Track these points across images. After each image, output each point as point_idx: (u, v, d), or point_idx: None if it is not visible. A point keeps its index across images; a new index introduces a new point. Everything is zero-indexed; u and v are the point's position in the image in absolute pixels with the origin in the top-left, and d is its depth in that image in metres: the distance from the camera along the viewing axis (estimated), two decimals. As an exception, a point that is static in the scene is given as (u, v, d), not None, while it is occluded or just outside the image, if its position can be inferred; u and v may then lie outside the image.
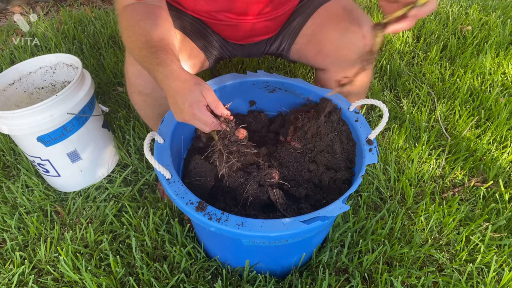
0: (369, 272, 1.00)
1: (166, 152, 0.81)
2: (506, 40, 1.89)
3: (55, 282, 0.97)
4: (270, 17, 0.99)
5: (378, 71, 1.72)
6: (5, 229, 1.10)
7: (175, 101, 0.71)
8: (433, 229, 1.09)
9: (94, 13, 2.05)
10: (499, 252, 1.04)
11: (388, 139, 1.37)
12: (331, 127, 0.90)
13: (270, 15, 0.99)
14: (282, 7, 1.00)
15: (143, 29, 0.78)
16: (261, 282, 0.93)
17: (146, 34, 0.77)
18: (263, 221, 0.70)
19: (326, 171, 0.88)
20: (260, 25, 1.01)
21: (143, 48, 0.76)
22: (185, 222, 1.08)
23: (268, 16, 0.99)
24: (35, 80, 1.21)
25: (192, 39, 1.01)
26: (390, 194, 1.19)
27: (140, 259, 0.98)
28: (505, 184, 1.22)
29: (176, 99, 0.71)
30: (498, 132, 1.39)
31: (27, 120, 0.98)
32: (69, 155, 1.11)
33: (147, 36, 0.77)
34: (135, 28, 0.78)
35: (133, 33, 0.78)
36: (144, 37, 0.77)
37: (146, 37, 0.77)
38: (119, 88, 1.60)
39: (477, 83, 1.62)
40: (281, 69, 1.71)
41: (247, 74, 1.02)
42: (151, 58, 0.74)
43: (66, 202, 1.18)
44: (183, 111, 0.71)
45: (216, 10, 0.96)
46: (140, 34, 0.77)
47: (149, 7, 0.82)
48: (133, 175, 1.25)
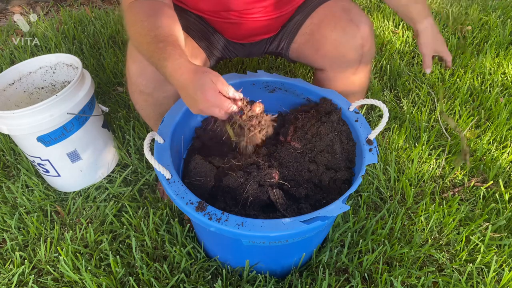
0: (369, 272, 1.00)
1: (166, 152, 0.81)
2: (506, 40, 1.89)
3: (55, 282, 0.97)
4: (273, 16, 1.00)
5: (378, 71, 1.72)
6: (5, 229, 1.10)
7: (187, 93, 0.71)
8: (433, 229, 1.09)
9: (94, 13, 2.05)
10: (499, 252, 1.04)
11: (388, 139, 1.37)
12: (331, 127, 0.90)
13: (273, 14, 0.99)
14: (285, 7, 1.00)
15: (152, 24, 0.77)
16: (261, 282, 0.93)
17: (155, 29, 0.77)
18: (263, 221, 0.70)
19: (326, 171, 0.88)
20: (262, 23, 1.01)
21: (151, 43, 0.76)
22: (185, 222, 1.08)
23: (271, 15, 0.99)
24: (35, 80, 1.21)
25: (194, 39, 1.01)
26: (390, 194, 1.19)
27: (140, 259, 0.98)
28: (505, 184, 1.22)
29: (188, 91, 0.70)
30: (498, 132, 1.39)
31: (27, 120, 0.98)
32: (69, 155, 1.11)
33: (156, 31, 0.77)
34: (144, 24, 0.78)
35: (141, 28, 0.78)
36: (153, 31, 0.77)
37: (155, 31, 0.77)
38: (119, 88, 1.60)
39: (477, 83, 1.62)
40: (281, 69, 1.71)
41: (247, 74, 1.02)
42: (159, 53, 0.74)
43: (66, 202, 1.18)
44: (196, 100, 0.70)
45: (218, 10, 0.96)
46: (149, 29, 0.77)
47: (156, 3, 0.82)
48: (133, 175, 1.25)
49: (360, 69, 1.02)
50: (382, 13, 2.12)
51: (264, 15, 0.98)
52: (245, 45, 1.12)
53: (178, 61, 0.71)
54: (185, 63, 0.71)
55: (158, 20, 0.78)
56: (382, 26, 2.01)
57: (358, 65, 1.00)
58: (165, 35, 0.76)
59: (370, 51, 0.99)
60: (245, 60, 1.73)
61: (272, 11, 0.99)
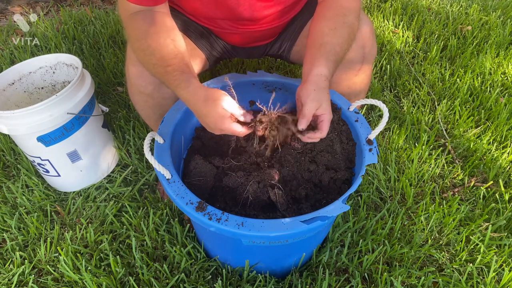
0: (369, 272, 1.00)
1: (166, 152, 0.81)
2: (506, 40, 1.89)
3: (55, 282, 0.97)
4: (274, 25, 1.00)
5: (378, 71, 1.72)
6: (5, 229, 1.10)
7: (204, 122, 0.76)
8: (433, 229, 1.09)
9: (94, 13, 2.05)
10: (499, 252, 1.04)
11: (388, 139, 1.37)
12: (331, 127, 0.90)
13: (274, 24, 1.00)
14: (286, 15, 1.01)
15: (156, 43, 0.78)
16: (261, 282, 0.93)
17: (160, 49, 0.78)
18: (263, 221, 0.70)
19: (326, 171, 0.88)
20: (263, 33, 1.02)
21: (158, 65, 0.78)
22: (185, 222, 1.08)
23: (271, 24, 1.00)
24: (35, 80, 1.21)
25: (192, 40, 1.01)
26: (390, 194, 1.19)
27: (140, 259, 0.98)
28: (505, 184, 1.22)
29: (204, 120, 0.75)
30: (498, 132, 1.39)
31: (27, 120, 0.98)
32: (69, 155, 1.11)
33: (162, 52, 0.78)
34: (148, 41, 0.78)
35: (146, 46, 0.79)
36: (158, 52, 0.78)
37: (160, 52, 0.78)
38: (119, 88, 1.60)
39: (477, 83, 1.62)
40: (281, 69, 1.71)
41: (247, 74, 1.02)
42: (169, 79, 0.77)
43: (66, 202, 1.18)
44: (213, 129, 0.75)
45: (214, 18, 0.97)
46: (154, 48, 0.78)
47: (158, 16, 0.81)
48: (133, 175, 1.25)
49: (362, 70, 1.02)
50: (382, 13, 2.12)
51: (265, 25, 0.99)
52: (245, 48, 1.12)
53: (188, 90, 0.75)
54: (195, 90, 0.74)
55: (162, 37, 0.79)
56: (382, 26, 2.01)
57: (360, 66, 1.00)
58: (171, 57, 0.77)
59: (371, 51, 0.98)
60: (245, 60, 1.73)
61: (273, 21, 0.99)
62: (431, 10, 2.20)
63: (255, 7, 0.90)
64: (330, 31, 0.81)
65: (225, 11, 0.91)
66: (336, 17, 0.83)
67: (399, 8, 2.15)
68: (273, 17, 0.97)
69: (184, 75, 0.76)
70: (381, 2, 2.27)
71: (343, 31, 0.81)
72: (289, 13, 1.01)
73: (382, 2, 2.28)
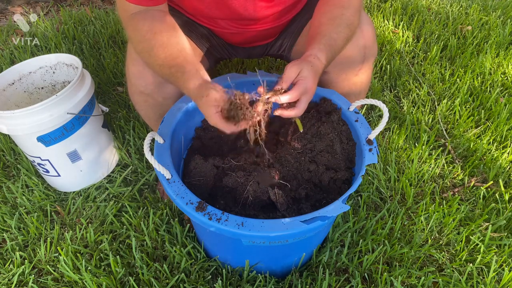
0: (369, 272, 1.00)
1: (166, 152, 0.81)
2: (506, 40, 1.89)
3: (55, 282, 0.97)
4: (274, 25, 1.00)
5: (378, 71, 1.72)
6: (5, 229, 1.10)
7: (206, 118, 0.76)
8: (433, 229, 1.09)
9: (94, 13, 2.05)
10: (499, 252, 1.04)
11: (388, 139, 1.37)
12: (331, 127, 0.90)
13: (274, 23, 1.00)
14: (286, 15, 1.01)
15: (160, 43, 0.78)
16: (261, 282, 0.93)
17: (164, 49, 0.78)
18: (263, 221, 0.70)
19: (326, 171, 0.88)
20: (263, 33, 1.02)
21: (163, 66, 0.79)
22: (185, 222, 1.08)
23: (272, 24, 1.00)
24: (35, 80, 1.21)
25: (193, 40, 1.01)
26: (390, 194, 1.19)
27: (140, 259, 0.98)
28: (505, 184, 1.22)
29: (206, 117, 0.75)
30: (498, 132, 1.39)
31: (27, 120, 0.98)
32: (69, 155, 1.11)
33: (166, 52, 0.78)
34: (152, 42, 0.78)
35: (150, 48, 0.79)
36: (162, 52, 0.78)
37: (164, 52, 0.78)
38: (119, 88, 1.60)
39: (477, 83, 1.62)
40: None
41: (247, 74, 1.02)
42: (174, 79, 0.79)
43: (66, 202, 1.18)
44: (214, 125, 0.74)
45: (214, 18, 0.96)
46: (158, 47, 0.78)
47: (158, 15, 0.81)
48: (133, 175, 1.25)
49: (363, 70, 1.02)
50: (382, 13, 2.12)
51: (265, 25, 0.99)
52: (245, 48, 1.12)
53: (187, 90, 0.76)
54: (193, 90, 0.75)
55: (164, 36, 0.79)
56: (382, 26, 2.01)
57: (361, 66, 1.00)
58: (174, 56, 0.78)
59: (372, 52, 0.98)
60: (245, 60, 1.73)
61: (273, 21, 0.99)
62: (431, 10, 2.20)
63: (255, 7, 0.90)
64: (327, 20, 0.83)
65: (225, 11, 0.91)
66: (335, 9, 0.85)
67: (399, 8, 2.15)
68: (273, 17, 0.97)
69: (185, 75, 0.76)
70: (381, 2, 2.27)
71: (341, 21, 0.83)
72: (289, 13, 1.01)
73: (382, 2, 2.28)
